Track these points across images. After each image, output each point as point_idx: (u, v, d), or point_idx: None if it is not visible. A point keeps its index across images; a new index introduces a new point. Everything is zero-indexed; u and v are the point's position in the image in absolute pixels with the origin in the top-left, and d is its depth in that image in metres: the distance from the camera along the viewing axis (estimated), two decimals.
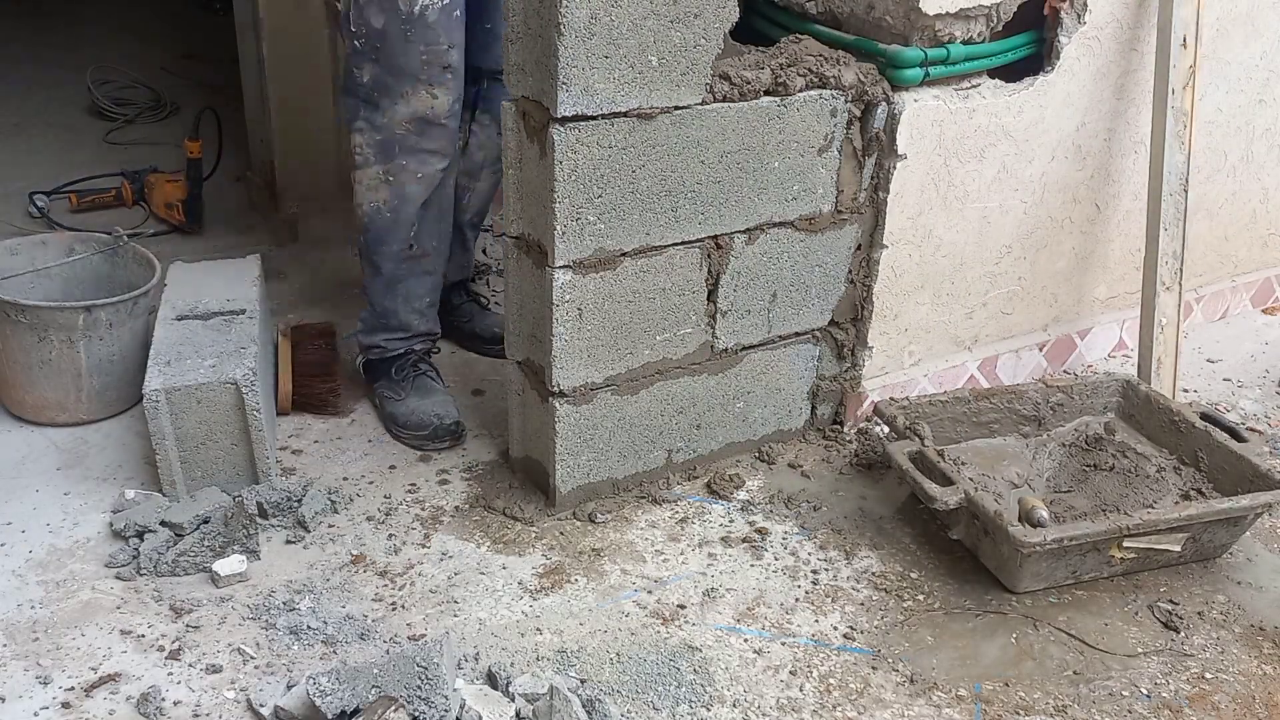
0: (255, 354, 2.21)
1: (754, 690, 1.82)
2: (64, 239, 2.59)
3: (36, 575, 1.97)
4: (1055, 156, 2.51)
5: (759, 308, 2.27)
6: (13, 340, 2.29)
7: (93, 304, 2.30)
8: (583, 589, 2.02)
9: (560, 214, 1.95)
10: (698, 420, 2.30)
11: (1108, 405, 2.45)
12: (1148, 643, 1.98)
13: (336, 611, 1.92)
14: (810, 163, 2.20)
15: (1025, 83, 2.40)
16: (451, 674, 1.67)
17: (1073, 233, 2.65)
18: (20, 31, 5.10)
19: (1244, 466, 2.17)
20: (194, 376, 2.11)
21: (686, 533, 2.18)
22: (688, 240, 2.12)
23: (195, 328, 2.28)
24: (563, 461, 2.16)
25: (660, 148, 2.00)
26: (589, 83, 1.87)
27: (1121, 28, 2.46)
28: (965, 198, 2.41)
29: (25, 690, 1.73)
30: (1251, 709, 1.85)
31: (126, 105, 4.13)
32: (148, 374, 2.12)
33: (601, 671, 1.83)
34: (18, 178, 3.44)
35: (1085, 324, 2.82)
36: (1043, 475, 2.32)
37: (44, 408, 2.36)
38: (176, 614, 1.89)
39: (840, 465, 2.41)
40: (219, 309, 2.35)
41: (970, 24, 2.26)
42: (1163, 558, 2.11)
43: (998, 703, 1.83)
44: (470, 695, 1.71)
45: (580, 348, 2.08)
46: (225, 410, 2.12)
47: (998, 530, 1.98)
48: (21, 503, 2.14)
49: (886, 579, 2.09)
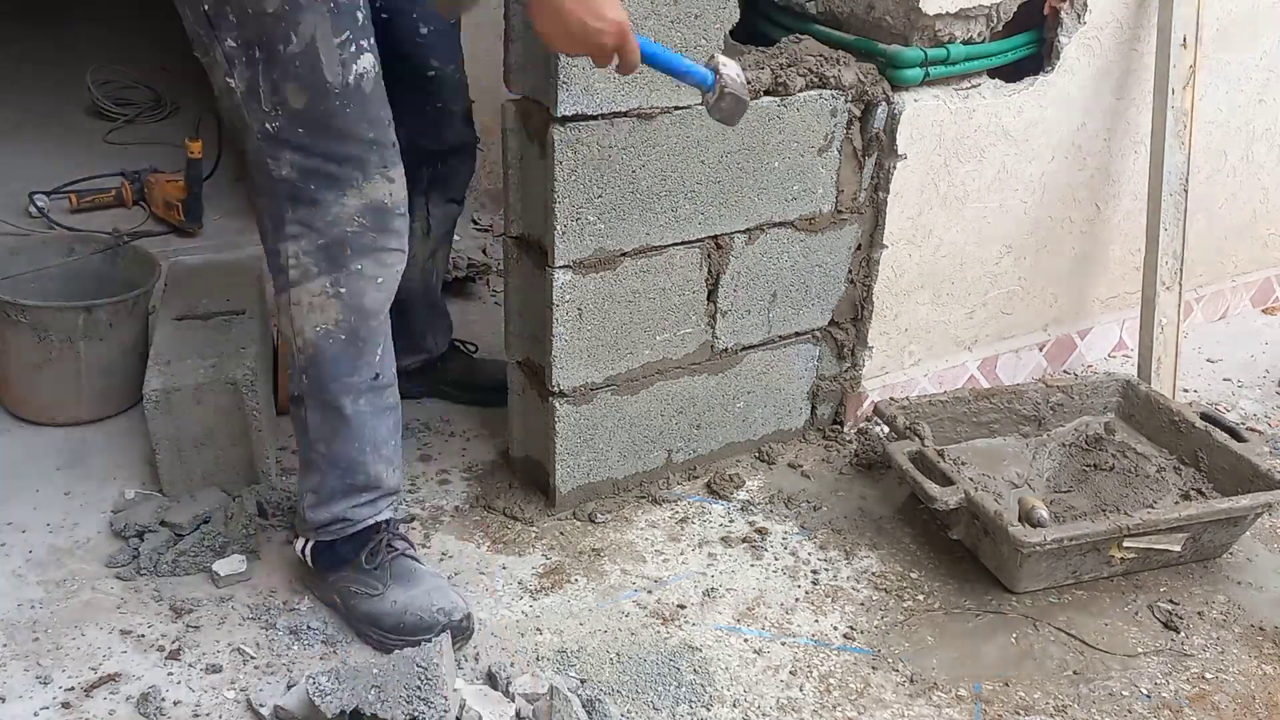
0: (255, 354, 2.21)
1: (754, 690, 1.82)
2: (64, 239, 2.59)
3: (36, 575, 1.97)
4: (1055, 156, 2.51)
5: (759, 308, 2.27)
6: (13, 340, 2.29)
7: (93, 304, 2.30)
8: (583, 589, 2.02)
9: (560, 214, 1.95)
10: (698, 420, 2.30)
11: (1108, 405, 2.45)
12: (1148, 643, 1.98)
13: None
14: (810, 163, 2.20)
15: (1025, 83, 2.40)
16: (451, 674, 1.67)
17: (1073, 233, 2.65)
18: (20, 31, 5.09)
19: (1244, 466, 2.17)
20: (194, 376, 2.11)
21: (686, 533, 2.18)
22: (688, 240, 2.12)
23: (195, 328, 2.28)
24: (563, 461, 2.16)
25: (660, 148, 2.00)
26: (589, 82, 1.87)
27: (1121, 28, 2.46)
28: (965, 197, 2.42)
29: (25, 690, 1.73)
30: (1251, 709, 1.85)
31: (126, 105, 4.12)
32: (148, 374, 2.12)
33: (601, 671, 1.83)
34: (18, 178, 3.44)
35: (1085, 324, 2.82)
36: (1043, 475, 2.32)
37: (44, 408, 2.36)
38: (176, 614, 1.89)
39: (840, 465, 2.41)
40: (219, 309, 2.35)
41: (970, 24, 2.26)
42: (1163, 558, 2.11)
43: (998, 703, 1.83)
44: (470, 695, 1.71)
45: (580, 348, 2.08)
46: (225, 410, 2.12)
47: (998, 530, 1.98)
48: (21, 503, 2.14)
49: (886, 579, 2.09)
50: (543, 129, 1.92)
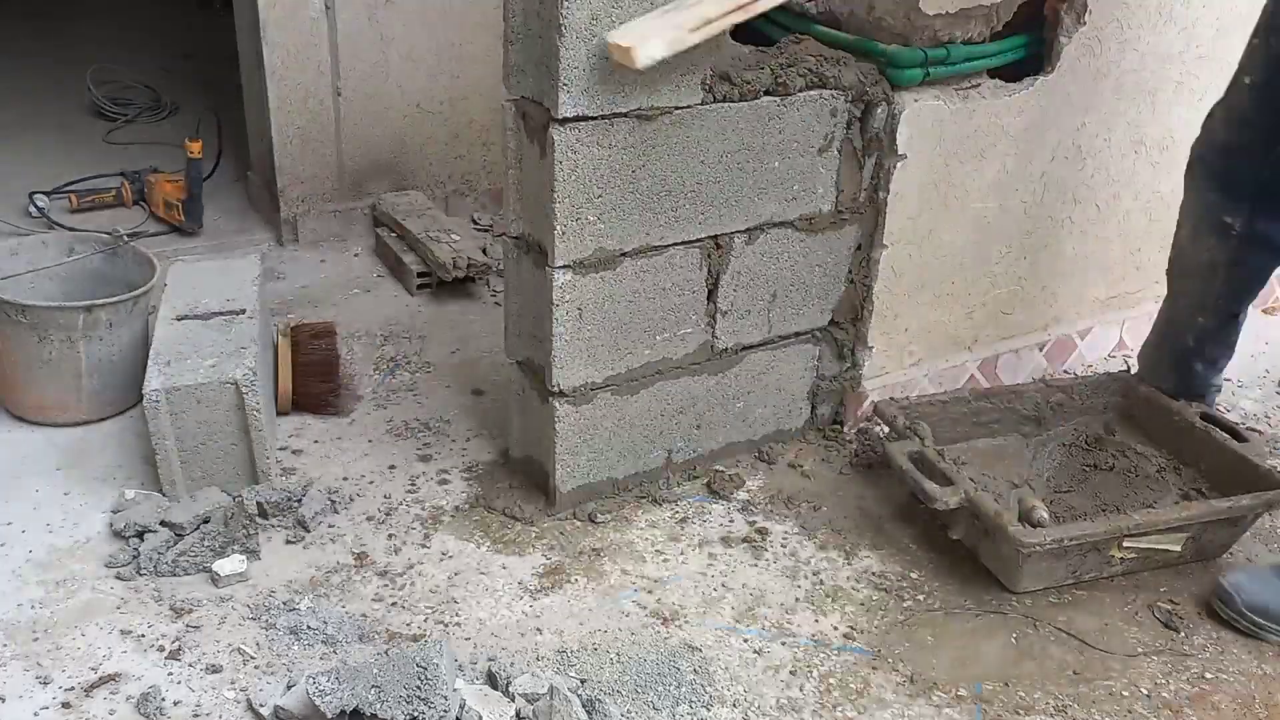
0: (255, 354, 2.21)
1: (754, 690, 1.82)
2: (64, 239, 2.59)
3: (36, 575, 1.97)
4: (1055, 156, 2.51)
5: (759, 308, 2.27)
6: (13, 340, 2.29)
7: (93, 304, 2.30)
8: (583, 589, 2.02)
9: (560, 214, 1.95)
10: (698, 420, 2.30)
11: (1108, 405, 2.45)
12: (1148, 643, 1.98)
13: (336, 611, 1.92)
14: (810, 163, 2.20)
15: (1025, 83, 2.40)
16: (451, 674, 1.67)
17: (1073, 233, 2.64)
18: (20, 31, 5.10)
19: (1244, 466, 2.17)
20: (194, 376, 2.11)
21: (686, 533, 2.18)
22: (688, 240, 2.12)
23: (195, 328, 2.28)
24: (563, 461, 2.16)
25: (660, 148, 2.00)
26: (589, 83, 1.87)
27: (1121, 28, 2.46)
28: (965, 198, 2.41)
29: (25, 690, 1.73)
30: (1251, 709, 1.85)
31: (126, 105, 4.13)
32: (148, 374, 2.12)
33: (601, 671, 1.83)
34: (18, 177, 3.44)
35: (1085, 324, 2.82)
36: (1043, 475, 2.32)
37: (44, 408, 2.36)
38: (176, 614, 1.89)
39: (840, 465, 2.41)
40: (219, 309, 2.35)
41: (970, 24, 2.26)
42: (1163, 558, 2.11)
43: (998, 703, 1.83)
44: (470, 695, 1.71)
45: (580, 348, 2.08)
46: (225, 410, 2.12)
47: (998, 530, 1.98)
48: (21, 503, 2.14)
49: (886, 579, 2.09)
50: (543, 130, 1.92)
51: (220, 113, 3.30)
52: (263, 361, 2.31)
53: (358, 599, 1.96)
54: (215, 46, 4.56)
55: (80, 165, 3.55)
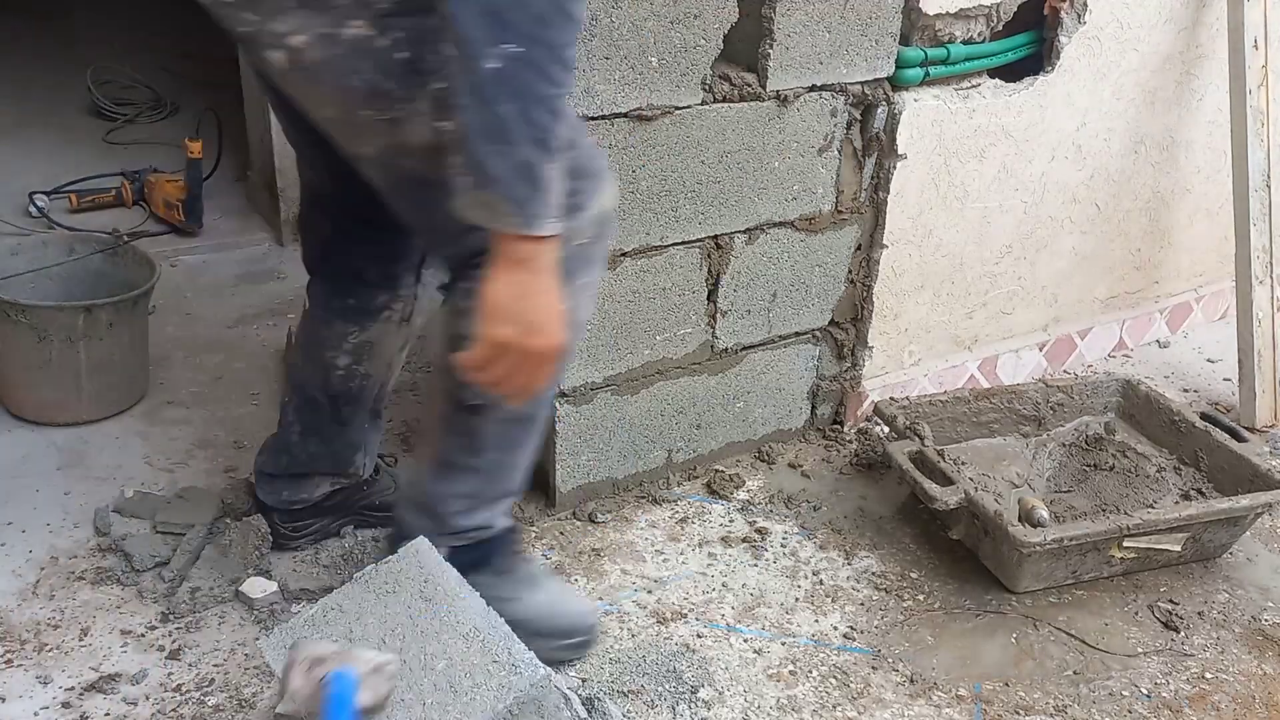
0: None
1: (754, 690, 1.82)
2: (64, 239, 2.58)
3: (36, 575, 1.97)
4: (1055, 156, 2.51)
5: (759, 308, 2.27)
6: (13, 340, 2.29)
7: (93, 304, 2.30)
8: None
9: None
10: (698, 420, 2.30)
11: (1108, 405, 2.45)
12: (1148, 643, 1.98)
13: None
14: (810, 163, 2.20)
15: (1025, 83, 2.40)
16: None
17: (1073, 233, 2.65)
18: (20, 31, 5.09)
19: (1244, 466, 2.17)
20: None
21: (686, 533, 2.18)
22: (688, 240, 2.12)
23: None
24: (563, 461, 2.16)
25: (660, 148, 2.00)
26: (589, 84, 1.87)
27: (1122, 28, 2.46)
28: (965, 198, 2.42)
29: (25, 690, 1.73)
30: (1251, 709, 1.85)
31: (126, 105, 4.12)
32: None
33: (601, 671, 1.83)
34: (18, 178, 3.44)
35: (1085, 324, 2.82)
36: (1043, 475, 2.32)
37: (44, 408, 2.36)
38: (177, 614, 1.89)
39: (840, 465, 2.41)
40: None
41: (970, 24, 2.26)
42: (1163, 558, 2.11)
43: (998, 703, 1.83)
44: None
45: (580, 348, 2.07)
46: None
47: (998, 530, 1.98)
48: (21, 503, 2.14)
49: (886, 579, 2.09)
50: None
51: (220, 113, 3.30)
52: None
53: None
54: (215, 46, 4.56)
55: (80, 165, 3.54)
